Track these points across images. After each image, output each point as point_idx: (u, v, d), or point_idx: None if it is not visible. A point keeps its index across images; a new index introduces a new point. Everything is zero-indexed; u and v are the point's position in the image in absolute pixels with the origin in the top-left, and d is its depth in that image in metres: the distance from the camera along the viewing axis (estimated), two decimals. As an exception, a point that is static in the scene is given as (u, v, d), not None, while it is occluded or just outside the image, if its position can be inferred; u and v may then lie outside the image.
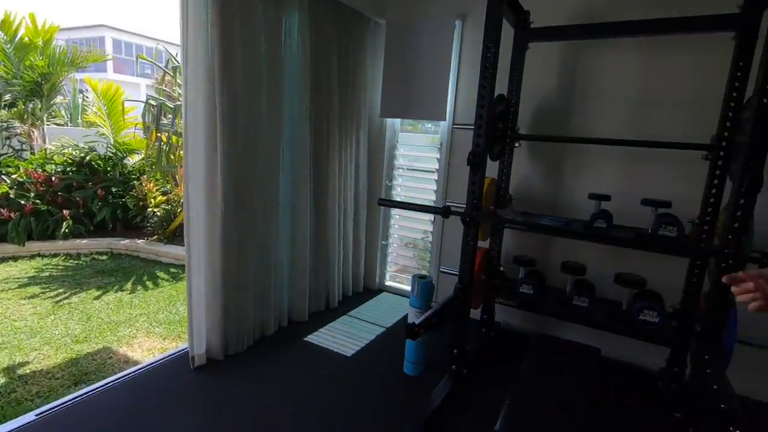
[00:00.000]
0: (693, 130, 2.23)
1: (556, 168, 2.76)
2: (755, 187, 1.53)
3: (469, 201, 2.11)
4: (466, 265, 2.19)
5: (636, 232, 2.25)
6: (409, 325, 1.72)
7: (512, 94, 2.54)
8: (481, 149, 2.07)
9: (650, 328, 2.16)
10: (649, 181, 2.45)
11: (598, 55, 2.56)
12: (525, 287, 2.49)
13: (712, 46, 2.14)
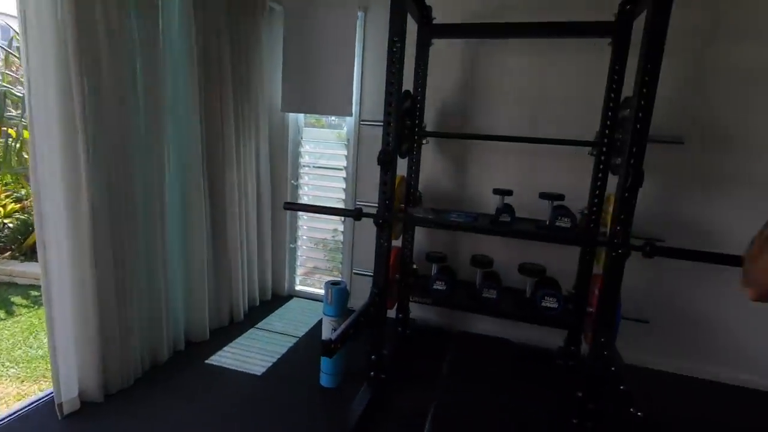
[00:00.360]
0: (580, 127, 2.42)
1: (462, 164, 2.82)
2: (638, 183, 1.68)
3: (381, 202, 2.03)
4: (381, 269, 2.11)
5: (536, 224, 2.38)
6: (324, 342, 1.58)
7: (418, 90, 2.52)
8: (391, 148, 1.99)
9: (551, 313, 2.31)
10: (545, 175, 2.61)
11: (495, 54, 2.65)
12: (438, 284, 2.50)
13: (594, 51, 2.33)
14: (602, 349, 1.78)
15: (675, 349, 2.56)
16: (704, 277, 2.42)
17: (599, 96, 2.29)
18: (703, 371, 2.53)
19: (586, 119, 2.39)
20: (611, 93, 2.21)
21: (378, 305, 2.09)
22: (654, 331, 2.41)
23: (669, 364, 2.57)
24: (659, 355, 2.56)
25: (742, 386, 2.47)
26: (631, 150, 1.71)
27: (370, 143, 2.96)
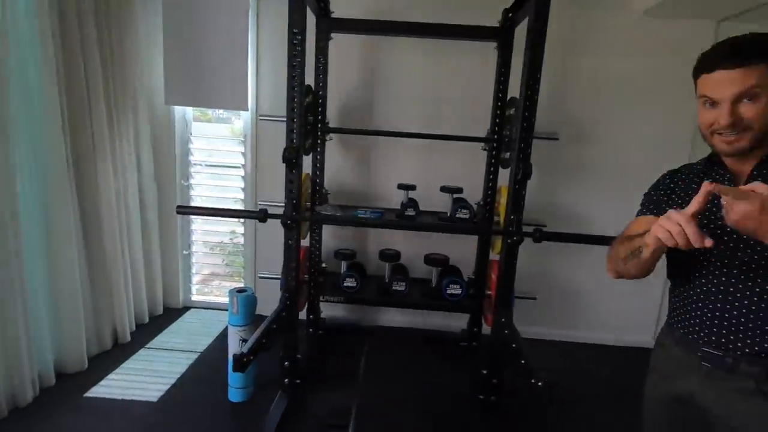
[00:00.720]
0: (474, 124, 2.60)
1: (367, 160, 2.84)
2: (527, 176, 1.86)
3: (288, 201, 1.94)
4: (291, 272, 2.03)
5: (438, 217, 2.51)
6: (236, 357, 1.46)
7: (320, 85, 2.45)
8: (296, 145, 1.91)
9: (455, 299, 2.46)
10: (445, 170, 2.76)
11: (395, 52, 2.71)
12: (349, 280, 2.50)
13: (484, 53, 2.51)
14: (503, 327, 1.95)
15: (558, 320, 2.94)
16: (578, 255, 2.80)
17: (489, 95, 2.48)
18: (579, 336, 2.94)
19: (479, 117, 2.57)
20: (499, 93, 2.42)
21: (290, 309, 2.01)
22: (541, 305, 2.72)
23: (554, 333, 2.93)
24: (546, 326, 2.91)
25: (604, 344, 2.94)
26: (520, 146, 1.88)
27: (269, 140, 2.81)
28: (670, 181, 1.08)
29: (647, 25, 2.60)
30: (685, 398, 0.98)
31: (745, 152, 0.89)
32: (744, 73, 0.83)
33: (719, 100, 0.86)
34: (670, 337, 1.04)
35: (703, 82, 0.89)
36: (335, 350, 2.66)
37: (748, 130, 0.85)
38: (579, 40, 2.64)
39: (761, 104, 0.83)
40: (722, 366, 0.91)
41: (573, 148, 2.71)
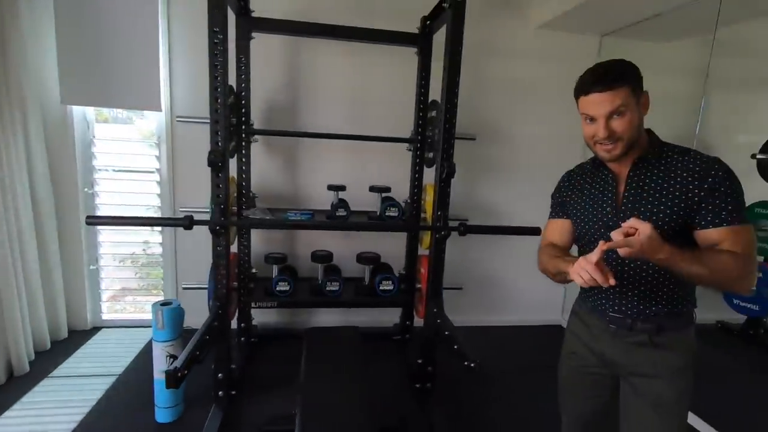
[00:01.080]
0: (400, 125, 2.71)
1: (294, 162, 2.81)
2: (451, 174, 1.99)
3: (216, 206, 1.86)
4: (222, 279, 1.95)
5: (368, 216, 2.58)
6: (169, 372, 1.37)
7: (242, 85, 2.38)
8: (221, 147, 1.84)
9: (388, 295, 2.55)
10: (373, 170, 2.83)
11: (319, 54, 2.71)
12: (281, 284, 2.46)
13: (406, 58, 2.61)
14: (435, 317, 2.07)
15: (482, 307, 3.18)
16: (497, 246, 3.05)
17: (412, 98, 2.60)
18: (500, 320, 3.21)
19: (404, 118, 2.68)
20: (421, 96, 2.54)
21: (221, 318, 1.93)
22: (466, 295, 2.91)
23: (479, 319, 3.16)
24: (472, 314, 3.12)
25: (521, 325, 3.24)
26: (443, 146, 2.01)
27: (188, 143, 2.66)
28: (567, 183, 1.28)
29: (543, 37, 2.92)
30: (597, 354, 1.21)
31: (621, 157, 1.09)
32: (612, 95, 1.01)
33: (596, 117, 1.05)
34: (584, 307, 1.26)
35: (583, 103, 1.08)
36: (270, 357, 2.60)
37: (620, 140, 1.05)
38: (489, 48, 2.87)
39: (627, 119, 1.03)
40: (624, 326, 1.14)
41: (489, 147, 2.95)
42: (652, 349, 1.12)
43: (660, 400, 1.12)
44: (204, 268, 2.52)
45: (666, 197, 1.05)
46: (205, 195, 2.47)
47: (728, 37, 2.63)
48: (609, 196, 1.14)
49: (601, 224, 1.14)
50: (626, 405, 1.19)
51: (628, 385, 1.18)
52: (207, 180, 1.88)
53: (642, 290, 1.11)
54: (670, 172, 1.07)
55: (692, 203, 1.03)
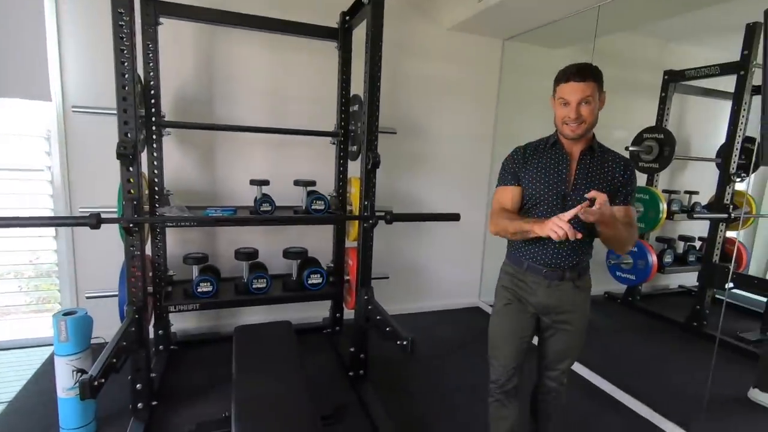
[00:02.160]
0: (323, 119, 2.72)
1: (212, 157, 2.67)
2: (376, 164, 2.06)
3: (128, 202, 1.72)
4: (138, 281, 1.80)
5: (294, 210, 2.56)
6: (84, 381, 1.25)
7: (150, 74, 2.21)
8: (131, 139, 1.71)
9: (317, 288, 2.55)
10: (297, 164, 2.80)
11: (234, 44, 2.61)
12: (203, 285, 2.34)
13: (327, 52, 2.63)
14: (366, 304, 2.13)
15: (408, 294, 3.31)
16: (420, 235, 3.20)
17: (331, 92, 2.63)
18: (425, 306, 3.38)
19: (326, 112, 2.70)
20: (342, 90, 2.58)
21: (139, 324, 1.79)
22: (393, 283, 3.02)
23: (406, 307, 3.29)
24: (399, 302, 3.23)
25: (444, 309, 3.44)
26: (368, 138, 2.07)
27: (85, 136, 2.40)
28: (523, 156, 1.51)
29: (454, 39, 3.13)
30: (532, 304, 1.50)
31: (579, 138, 1.38)
32: (585, 86, 1.32)
33: (570, 101, 1.34)
34: (519, 268, 1.52)
35: (561, 89, 1.37)
36: (194, 363, 2.46)
37: (583, 123, 1.35)
38: (406, 47, 3.00)
39: (591, 107, 1.34)
40: (558, 277, 1.45)
41: (409, 141, 3.08)
42: (576, 291, 1.47)
43: (576, 326, 1.50)
44: (108, 274, 2.33)
45: (604, 179, 1.41)
46: (107, 194, 2.28)
47: (605, 47, 3.06)
48: (563, 171, 1.43)
49: (556, 192, 1.42)
50: (551, 335, 1.53)
51: (551, 321, 1.50)
52: (109, 177, 1.75)
53: (573, 247, 1.43)
54: (605, 162, 1.43)
55: (615, 186, 1.40)
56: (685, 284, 4.21)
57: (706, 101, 3.85)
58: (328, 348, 2.72)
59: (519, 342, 1.53)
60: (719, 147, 3.87)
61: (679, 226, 3.89)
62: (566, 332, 1.51)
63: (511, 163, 1.52)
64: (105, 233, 1.90)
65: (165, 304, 2.26)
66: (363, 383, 2.25)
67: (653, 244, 3.63)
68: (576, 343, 1.54)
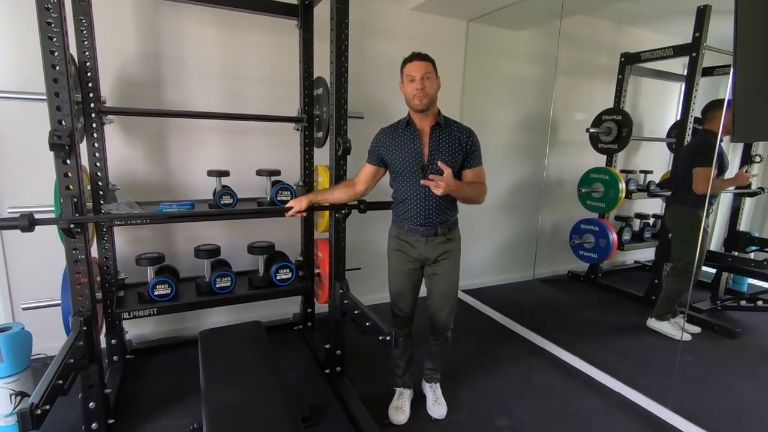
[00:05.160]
0: (285, 103, 2.54)
1: (163, 147, 2.43)
2: (347, 150, 1.94)
3: (67, 199, 1.50)
4: (84, 288, 1.60)
5: (258, 202, 2.38)
6: (24, 412, 1.07)
7: (85, 54, 1.95)
8: (66, 126, 1.49)
9: (287, 284, 2.41)
10: (259, 153, 2.62)
11: (182, 21, 2.36)
12: (160, 287, 2.14)
13: (287, 32, 2.45)
14: (342, 298, 2.03)
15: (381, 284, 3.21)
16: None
17: (292, 74, 2.46)
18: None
19: (288, 96, 2.52)
20: (305, 73, 2.42)
21: (88, 336, 1.59)
22: (365, 274, 2.92)
23: (379, 297, 3.19)
24: (372, 293, 3.15)
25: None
26: (337, 122, 1.94)
27: (14, 126, 2.11)
28: (383, 136, 1.82)
29: (417, 19, 3.02)
30: (415, 257, 1.84)
31: (426, 108, 1.69)
32: (426, 65, 1.66)
33: (415, 77, 1.66)
34: (401, 230, 1.85)
35: (407, 69, 1.68)
36: (154, 372, 2.27)
37: (427, 95, 1.66)
38: (369, 26, 2.86)
39: (431, 82, 1.68)
40: (432, 233, 1.78)
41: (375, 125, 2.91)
42: (447, 242, 1.81)
43: (451, 271, 1.85)
44: (46, 281, 2.09)
45: (453, 147, 1.71)
46: (43, 191, 2.01)
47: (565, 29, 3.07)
48: (417, 146, 1.72)
49: (415, 165, 1.72)
50: (432, 280, 1.88)
51: (431, 268, 1.85)
52: (45, 172, 1.51)
53: (439, 206, 1.74)
54: (453, 134, 1.73)
55: (464, 151, 1.72)
56: (639, 260, 4.42)
57: (654, 84, 4.00)
58: (302, 345, 2.60)
59: (411, 292, 1.91)
60: (669, 127, 4.06)
61: (634, 205, 4.05)
62: (445, 276, 1.85)
63: (374, 144, 1.84)
64: (42, 234, 1.68)
65: (117, 311, 2.04)
66: (340, 380, 2.15)
67: (612, 223, 3.76)
68: (454, 285, 1.89)
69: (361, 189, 1.89)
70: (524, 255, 3.89)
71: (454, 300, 1.93)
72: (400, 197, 1.82)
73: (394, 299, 1.96)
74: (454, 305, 1.93)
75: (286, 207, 1.88)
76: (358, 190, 1.89)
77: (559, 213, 3.97)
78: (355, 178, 1.89)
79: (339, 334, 2.15)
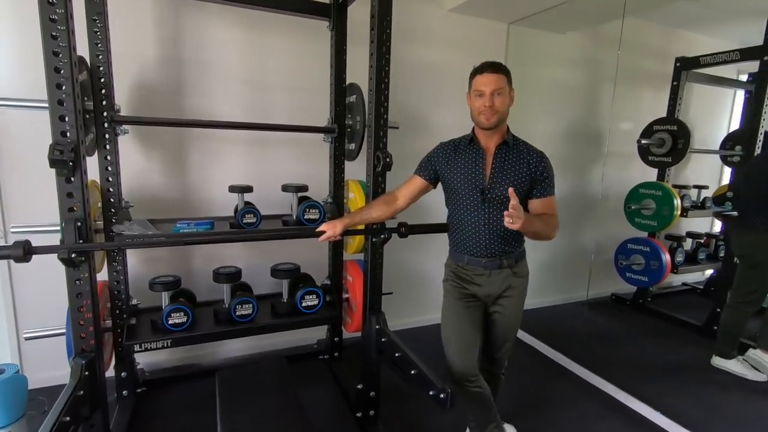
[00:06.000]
0: (314, 112, 2.33)
1: (181, 159, 2.24)
2: (387, 166, 1.70)
3: (69, 224, 1.29)
4: (88, 325, 1.38)
5: (283, 221, 2.16)
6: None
7: (99, 57, 1.76)
8: (71, 140, 1.28)
9: (313, 312, 2.17)
10: (285, 165, 2.41)
11: (206, 23, 2.18)
12: (175, 316, 1.92)
13: (317, 35, 2.24)
14: (378, 335, 1.77)
15: (413, 308, 2.98)
16: (425, 242, 2.84)
17: (322, 81, 2.25)
18: (427, 320, 3.05)
19: (318, 104, 2.31)
20: (337, 78, 2.19)
21: (90, 382, 1.37)
22: (397, 299, 2.67)
23: (411, 321, 2.97)
24: (404, 317, 2.91)
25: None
26: (376, 134, 1.71)
27: (19, 137, 1.94)
28: (442, 151, 1.61)
29: (454, 21, 2.78)
30: (478, 295, 1.59)
31: (494, 126, 1.47)
32: (497, 78, 1.44)
33: (484, 92, 1.45)
34: (459, 263, 1.61)
35: (476, 82, 1.47)
36: (167, 407, 2.04)
37: (497, 113, 1.45)
38: (404, 28, 2.63)
39: (503, 98, 1.45)
40: (496, 265, 1.55)
41: (410, 136, 2.71)
42: (513, 276, 1.58)
43: (515, 309, 1.62)
44: (51, 307, 1.89)
45: (520, 174, 1.50)
46: (46, 209, 1.83)
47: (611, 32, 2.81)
48: (479, 166, 1.52)
49: (474, 186, 1.51)
50: (491, 318, 1.63)
51: (493, 305, 1.61)
52: (51, 185, 1.30)
53: (503, 236, 1.52)
54: (521, 156, 1.52)
55: (532, 178, 1.50)
56: (687, 281, 4.05)
57: (704, 91, 3.67)
58: (328, 379, 2.35)
59: (471, 331, 1.58)
60: (723, 138, 3.72)
61: (682, 223, 3.71)
62: (507, 317, 1.61)
63: (433, 157, 1.63)
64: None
65: (128, 343, 1.83)
66: (375, 427, 1.89)
67: (663, 242, 3.42)
68: (515, 327, 1.66)
69: (402, 204, 1.66)
70: (565, 276, 3.58)
71: (514, 340, 1.70)
72: (456, 221, 1.60)
73: (450, 343, 1.60)
74: (512, 344, 1.70)
75: (318, 231, 1.64)
76: (399, 206, 1.65)
77: (601, 231, 3.65)
78: (396, 191, 1.67)
79: (373, 374, 1.89)
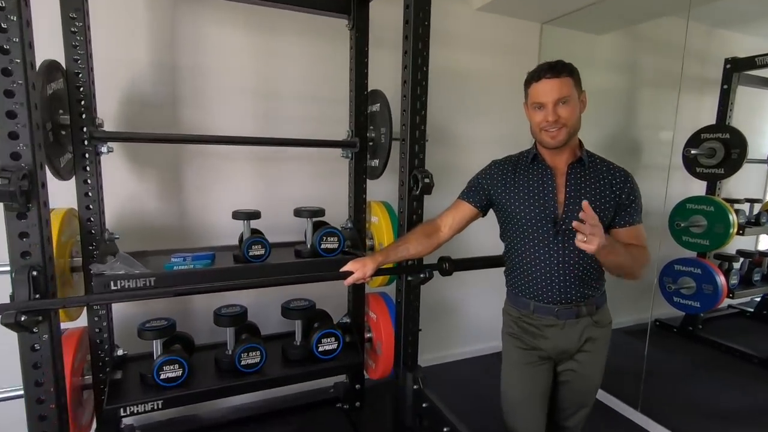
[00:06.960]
0: (328, 125, 2.03)
1: (177, 180, 1.94)
2: (427, 189, 1.39)
3: (22, 274, 0.98)
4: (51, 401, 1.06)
5: (296, 250, 1.83)
6: None
7: (77, 63, 1.47)
8: (27, 164, 0.98)
9: (331, 357, 1.84)
10: (297, 186, 2.11)
11: (205, 22, 1.90)
12: (168, 369, 1.60)
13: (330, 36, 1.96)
14: (418, 399, 1.44)
15: (442, 342, 2.69)
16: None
17: (338, 89, 1.95)
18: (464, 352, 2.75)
19: (335, 116, 2.01)
20: (357, 85, 1.89)
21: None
22: (426, 334, 2.34)
23: (440, 356, 2.67)
24: (432, 352, 2.61)
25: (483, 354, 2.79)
26: (412, 151, 1.40)
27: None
28: (497, 171, 1.30)
29: (483, 21, 2.51)
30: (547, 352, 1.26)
31: (563, 144, 1.16)
32: (560, 83, 1.11)
33: (545, 103, 1.13)
34: (524, 308, 1.27)
35: (534, 90, 1.15)
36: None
37: (564, 127, 1.14)
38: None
39: (571, 107, 1.13)
40: (572, 314, 1.22)
41: (437, 149, 2.40)
42: (594, 326, 1.25)
43: (596, 367, 1.30)
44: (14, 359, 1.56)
45: (602, 198, 1.19)
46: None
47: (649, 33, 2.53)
48: (549, 190, 1.20)
49: (544, 216, 1.19)
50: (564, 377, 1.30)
51: (570, 362, 1.28)
52: None
53: (581, 276, 1.21)
54: (601, 176, 1.21)
55: (616, 203, 1.19)
56: (734, 304, 3.68)
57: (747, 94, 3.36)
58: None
59: (540, 400, 1.29)
60: (776, 145, 3.39)
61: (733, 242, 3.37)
62: (584, 377, 1.29)
63: (481, 177, 1.33)
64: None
65: (110, 407, 1.49)
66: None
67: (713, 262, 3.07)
68: (594, 389, 1.35)
69: (446, 236, 1.35)
70: (605, 301, 3.23)
71: (592, 405, 1.36)
72: (518, 258, 1.28)
73: (516, 415, 1.33)
74: (589, 411, 1.36)
75: (344, 271, 1.31)
76: (442, 238, 1.34)
77: (643, 250, 3.31)
78: (438, 220, 1.35)
79: None
